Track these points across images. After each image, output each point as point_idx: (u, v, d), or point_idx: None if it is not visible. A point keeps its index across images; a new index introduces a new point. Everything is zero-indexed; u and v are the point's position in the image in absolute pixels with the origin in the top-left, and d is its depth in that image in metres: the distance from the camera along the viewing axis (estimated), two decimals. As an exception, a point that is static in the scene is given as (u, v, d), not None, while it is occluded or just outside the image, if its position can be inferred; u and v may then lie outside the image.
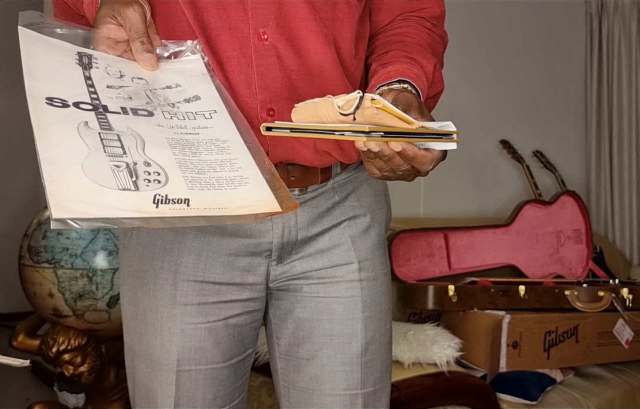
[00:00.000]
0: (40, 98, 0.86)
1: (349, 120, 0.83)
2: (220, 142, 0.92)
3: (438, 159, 0.90)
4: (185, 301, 1.07)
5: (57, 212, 0.74)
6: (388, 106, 0.83)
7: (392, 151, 0.86)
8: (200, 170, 0.87)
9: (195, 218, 0.82)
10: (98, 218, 0.77)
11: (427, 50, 1.07)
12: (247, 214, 0.85)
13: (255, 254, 1.09)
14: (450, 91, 1.04)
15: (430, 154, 0.89)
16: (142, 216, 0.79)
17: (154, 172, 0.84)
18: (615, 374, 2.56)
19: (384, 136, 0.84)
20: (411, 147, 0.87)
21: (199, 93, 0.98)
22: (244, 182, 0.88)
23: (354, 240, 1.13)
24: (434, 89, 1.06)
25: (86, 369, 2.25)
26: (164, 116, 0.93)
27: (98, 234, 2.14)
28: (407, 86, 0.98)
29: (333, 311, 1.11)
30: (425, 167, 0.89)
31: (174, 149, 0.88)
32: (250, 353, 1.16)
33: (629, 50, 3.61)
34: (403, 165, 0.89)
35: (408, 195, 3.17)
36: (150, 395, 1.10)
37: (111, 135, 0.86)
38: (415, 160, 0.88)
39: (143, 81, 0.97)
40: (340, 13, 1.05)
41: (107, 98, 0.91)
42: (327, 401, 1.12)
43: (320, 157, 1.07)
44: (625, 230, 3.59)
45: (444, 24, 1.17)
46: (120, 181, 0.81)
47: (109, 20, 0.96)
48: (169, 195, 0.82)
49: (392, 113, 0.84)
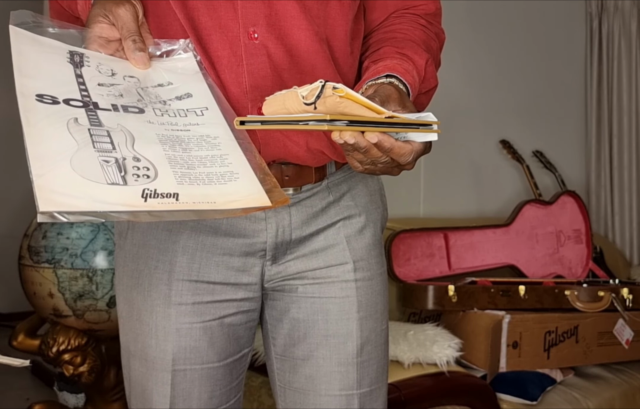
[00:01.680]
0: (30, 95, 0.87)
1: (312, 109, 0.82)
2: (211, 139, 0.92)
3: (419, 151, 0.90)
4: (180, 300, 1.07)
5: (44, 206, 0.75)
6: (352, 94, 0.82)
7: (368, 143, 0.85)
8: (191, 166, 0.87)
9: (184, 212, 0.82)
10: (86, 211, 0.77)
11: (419, 46, 1.06)
12: (237, 208, 0.85)
13: (249, 254, 1.09)
14: (450, 91, 1.04)
15: (409, 146, 0.88)
16: (130, 210, 0.79)
17: (143, 167, 0.84)
18: (615, 374, 2.56)
19: (349, 125, 0.82)
20: (387, 138, 0.86)
21: (190, 90, 0.98)
22: (234, 177, 0.88)
23: (349, 240, 1.12)
24: (426, 85, 1.05)
25: (86, 369, 2.25)
26: (155, 113, 0.93)
27: (98, 234, 2.14)
28: (394, 80, 0.97)
29: (328, 311, 1.11)
30: (404, 159, 0.88)
31: (164, 145, 0.88)
32: (246, 353, 1.16)
33: (629, 50, 3.60)
34: (382, 157, 0.88)
35: (408, 195, 3.17)
36: (145, 395, 1.10)
37: (101, 131, 0.86)
38: (393, 152, 0.87)
39: (135, 79, 0.97)
40: (332, 11, 1.05)
41: (98, 96, 0.91)
42: (323, 402, 1.12)
43: (314, 155, 1.07)
44: (625, 230, 3.59)
45: (441, 22, 1.16)
46: (109, 176, 0.81)
47: (101, 19, 0.97)
48: (158, 190, 0.82)
49: (359, 102, 0.83)
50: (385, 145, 0.86)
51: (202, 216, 0.84)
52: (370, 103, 0.84)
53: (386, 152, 0.87)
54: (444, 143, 3.70)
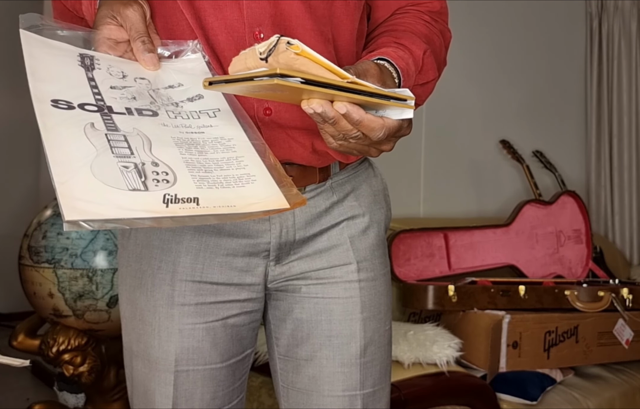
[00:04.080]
0: (46, 100, 0.86)
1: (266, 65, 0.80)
2: (225, 140, 0.92)
3: (392, 129, 0.87)
4: (183, 301, 1.07)
5: (69, 214, 0.75)
6: (309, 52, 0.80)
7: (336, 113, 0.83)
8: (208, 169, 0.87)
9: (205, 216, 0.82)
10: (110, 219, 0.77)
11: (419, 37, 1.05)
12: (256, 211, 0.85)
13: (253, 254, 1.09)
14: (450, 91, 1.04)
15: (380, 120, 0.86)
16: (153, 216, 0.79)
17: (162, 171, 0.84)
18: (615, 374, 2.56)
19: (304, 84, 0.79)
20: (356, 109, 0.84)
21: (201, 92, 0.98)
22: (251, 180, 0.88)
23: (353, 241, 1.12)
24: (424, 76, 1.04)
25: (86, 369, 2.25)
26: (168, 115, 0.93)
27: (98, 234, 2.14)
28: (385, 63, 0.95)
29: (332, 311, 1.11)
30: (375, 134, 0.86)
31: (180, 148, 0.88)
32: (249, 354, 1.16)
33: (629, 50, 3.60)
34: (352, 131, 0.86)
35: (408, 195, 3.17)
36: (148, 395, 1.10)
37: (118, 136, 0.86)
38: (362, 125, 0.85)
39: (145, 81, 0.97)
40: (337, 11, 1.05)
41: (112, 99, 0.91)
42: (326, 402, 1.11)
43: (319, 156, 1.07)
44: (625, 230, 3.59)
45: (448, 22, 1.15)
46: (130, 181, 0.81)
47: (109, 20, 0.96)
48: (178, 194, 0.82)
49: (318, 62, 0.81)
50: (354, 117, 0.84)
51: (222, 221, 0.84)
52: (330, 65, 0.81)
53: (355, 124, 0.85)
54: (444, 143, 3.72)
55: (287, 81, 0.78)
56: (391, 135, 0.88)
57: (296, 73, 0.79)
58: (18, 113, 4.18)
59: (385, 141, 0.89)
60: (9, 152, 4.34)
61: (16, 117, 4.19)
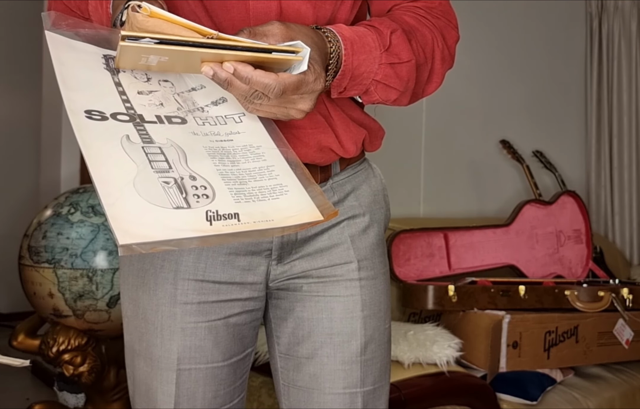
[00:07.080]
0: (79, 112, 0.85)
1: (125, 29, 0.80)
2: (254, 148, 0.91)
3: (290, 83, 0.87)
4: (186, 300, 1.07)
5: (123, 238, 0.74)
6: (159, 12, 0.79)
7: (228, 74, 0.84)
8: (242, 181, 0.86)
9: (247, 232, 0.81)
10: (162, 241, 0.76)
11: (394, 21, 1.04)
12: (293, 225, 0.84)
13: (255, 253, 1.09)
14: (450, 91, 1.04)
15: (273, 75, 0.86)
16: (200, 236, 0.78)
17: (201, 186, 0.83)
18: (615, 374, 2.56)
19: (160, 44, 0.79)
20: (242, 66, 0.84)
21: (224, 94, 0.97)
22: (284, 191, 0.87)
23: (353, 240, 1.13)
24: (394, 56, 1.01)
25: (86, 369, 2.25)
26: (197, 122, 0.92)
27: (98, 234, 2.14)
28: (327, 32, 0.95)
29: (333, 310, 1.11)
30: (271, 90, 0.85)
31: (213, 159, 0.87)
32: (250, 352, 1.16)
33: (629, 50, 3.61)
34: (250, 90, 0.86)
35: (408, 195, 3.17)
36: (150, 394, 1.10)
37: (154, 149, 0.85)
38: (254, 82, 0.85)
39: (169, 83, 0.96)
40: (342, 11, 1.06)
41: (141, 106, 0.90)
42: (327, 400, 1.12)
43: (323, 153, 1.08)
44: (625, 230, 3.60)
45: (454, 22, 1.13)
46: (173, 199, 0.80)
47: None
48: (219, 211, 0.81)
49: (175, 22, 0.80)
50: (242, 74, 0.84)
51: (262, 236, 0.84)
52: (190, 23, 0.81)
53: (247, 82, 0.85)
54: (444, 143, 3.72)
55: (141, 43, 0.78)
56: (292, 90, 0.88)
57: (149, 34, 0.79)
58: (18, 113, 4.18)
59: (299, 99, 0.89)
60: (9, 152, 4.34)
61: (16, 117, 4.20)
